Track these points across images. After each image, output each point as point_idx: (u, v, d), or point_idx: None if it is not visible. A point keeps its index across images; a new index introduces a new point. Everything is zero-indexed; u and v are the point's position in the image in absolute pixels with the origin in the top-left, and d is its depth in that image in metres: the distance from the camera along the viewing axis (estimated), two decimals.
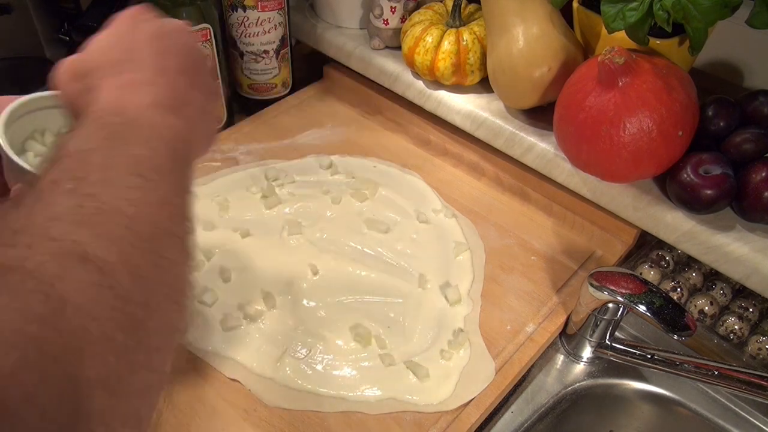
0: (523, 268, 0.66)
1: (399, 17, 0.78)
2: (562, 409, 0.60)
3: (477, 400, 0.54)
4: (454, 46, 0.71)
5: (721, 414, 0.58)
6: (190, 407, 0.53)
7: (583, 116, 0.58)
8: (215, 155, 0.78)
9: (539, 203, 0.73)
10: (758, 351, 0.59)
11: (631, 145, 0.56)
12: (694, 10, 0.51)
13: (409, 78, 0.78)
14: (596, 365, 0.62)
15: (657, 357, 0.56)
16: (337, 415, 0.53)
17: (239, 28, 0.80)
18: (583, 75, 0.59)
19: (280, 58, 0.84)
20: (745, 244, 0.56)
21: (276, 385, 0.55)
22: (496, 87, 0.70)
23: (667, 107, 0.55)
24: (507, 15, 0.64)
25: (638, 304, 0.51)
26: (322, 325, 0.59)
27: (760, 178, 0.55)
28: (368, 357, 0.57)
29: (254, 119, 0.85)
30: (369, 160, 0.79)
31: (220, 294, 0.62)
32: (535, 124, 0.70)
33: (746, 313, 0.62)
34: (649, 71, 0.55)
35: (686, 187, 0.57)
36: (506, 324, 0.61)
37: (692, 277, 0.66)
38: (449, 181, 0.77)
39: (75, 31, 0.78)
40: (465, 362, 0.57)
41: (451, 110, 0.75)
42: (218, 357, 0.57)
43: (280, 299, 0.61)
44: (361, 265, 0.64)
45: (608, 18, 0.55)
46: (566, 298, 0.63)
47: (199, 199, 0.72)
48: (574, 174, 0.66)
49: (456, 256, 0.67)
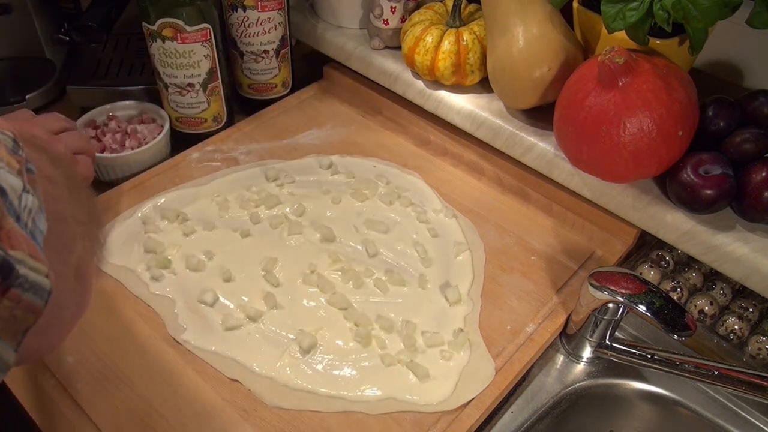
0: (523, 268, 0.66)
1: (399, 17, 0.78)
2: (562, 409, 0.60)
3: (477, 400, 0.54)
4: (454, 46, 0.71)
5: (721, 414, 0.58)
6: (190, 407, 0.54)
7: (583, 116, 0.58)
8: (215, 155, 0.78)
9: (539, 203, 0.73)
10: (758, 351, 0.59)
11: (631, 145, 0.56)
12: (694, 10, 0.51)
13: (409, 78, 0.78)
14: (596, 365, 0.62)
15: (657, 357, 0.56)
16: (337, 415, 0.53)
17: (239, 28, 0.80)
18: (583, 75, 0.59)
19: (280, 58, 0.84)
20: (745, 244, 0.56)
21: (276, 385, 0.55)
22: (496, 87, 0.70)
23: (667, 107, 0.55)
24: (507, 15, 0.64)
25: (638, 304, 0.51)
26: (322, 325, 0.59)
27: (760, 178, 0.55)
28: (368, 357, 0.57)
29: (254, 119, 0.85)
30: (369, 160, 0.79)
31: (220, 294, 0.62)
32: (535, 124, 0.70)
33: (746, 313, 0.62)
34: (649, 71, 0.55)
35: (686, 187, 0.57)
36: (506, 324, 0.61)
37: (692, 277, 0.66)
38: (449, 181, 0.77)
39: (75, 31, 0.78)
40: (465, 362, 0.57)
41: (451, 110, 0.75)
42: (218, 357, 0.57)
43: (280, 299, 0.61)
44: (361, 265, 0.64)
45: (608, 18, 0.55)
46: (566, 298, 0.63)
47: (199, 199, 0.72)
48: (574, 174, 0.66)
49: (456, 256, 0.67)
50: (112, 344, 0.58)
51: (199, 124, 0.80)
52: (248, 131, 0.83)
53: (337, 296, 0.61)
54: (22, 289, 0.27)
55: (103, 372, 0.56)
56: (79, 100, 0.89)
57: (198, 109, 0.79)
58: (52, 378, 0.55)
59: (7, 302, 0.27)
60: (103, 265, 0.64)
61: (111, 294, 0.62)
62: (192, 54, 0.73)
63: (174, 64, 0.74)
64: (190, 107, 0.78)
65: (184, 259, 0.64)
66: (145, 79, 0.88)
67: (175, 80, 0.76)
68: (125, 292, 0.62)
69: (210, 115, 0.80)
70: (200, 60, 0.74)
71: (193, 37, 0.72)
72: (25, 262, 0.27)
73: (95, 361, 0.56)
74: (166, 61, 0.74)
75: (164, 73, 0.75)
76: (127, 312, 0.61)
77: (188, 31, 0.71)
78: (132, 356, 0.57)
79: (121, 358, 0.57)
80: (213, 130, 0.82)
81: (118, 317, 0.60)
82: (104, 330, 0.59)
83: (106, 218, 0.65)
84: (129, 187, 0.73)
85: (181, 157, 0.78)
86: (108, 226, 0.68)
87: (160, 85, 0.77)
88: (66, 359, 0.56)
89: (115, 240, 0.67)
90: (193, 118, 0.79)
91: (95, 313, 0.60)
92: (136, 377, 0.55)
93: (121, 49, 0.94)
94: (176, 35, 0.71)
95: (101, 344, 0.58)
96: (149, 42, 0.73)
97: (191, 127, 0.81)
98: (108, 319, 0.60)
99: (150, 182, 0.74)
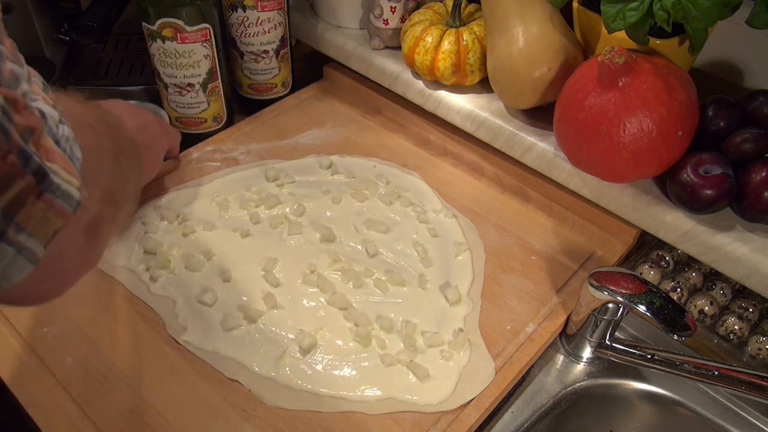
0: (523, 268, 0.66)
1: (399, 17, 0.78)
2: (562, 410, 0.60)
3: (477, 400, 0.54)
4: (454, 46, 0.71)
5: (721, 414, 0.58)
6: (190, 407, 0.54)
7: (583, 116, 0.58)
8: (215, 155, 0.78)
9: (539, 203, 0.73)
10: (758, 351, 0.59)
11: (631, 145, 0.56)
12: (694, 10, 0.51)
13: (409, 78, 0.78)
14: (596, 365, 0.62)
15: (657, 357, 0.56)
16: (337, 415, 0.53)
17: (239, 28, 0.80)
18: (583, 75, 0.59)
19: (280, 58, 0.84)
20: (745, 244, 0.56)
21: (276, 385, 0.55)
22: (496, 87, 0.70)
23: (667, 107, 0.55)
24: (507, 15, 0.64)
25: (638, 304, 0.51)
26: (322, 325, 0.59)
27: (760, 178, 0.55)
28: (368, 357, 0.57)
29: (254, 119, 0.85)
30: (369, 160, 0.79)
31: (220, 294, 0.62)
32: (535, 124, 0.70)
33: (746, 313, 0.62)
34: (649, 71, 0.55)
35: (686, 187, 0.57)
36: (506, 324, 0.61)
37: (692, 277, 0.66)
38: (449, 181, 0.77)
39: (75, 31, 0.79)
40: (465, 362, 0.57)
41: (451, 110, 0.75)
42: (218, 357, 0.57)
43: (280, 299, 0.61)
44: (361, 265, 0.64)
45: (608, 18, 0.55)
46: (566, 298, 0.63)
47: (199, 199, 0.72)
48: (574, 174, 0.66)
49: (456, 256, 0.67)
50: (112, 344, 0.58)
51: (199, 124, 0.80)
52: (248, 131, 0.83)
53: (337, 296, 0.61)
54: (53, 195, 0.31)
55: (103, 372, 0.56)
56: None
57: (198, 109, 0.79)
58: (52, 378, 0.55)
59: (41, 204, 0.30)
60: (102, 265, 0.64)
61: (111, 294, 0.62)
62: (192, 54, 0.73)
63: (174, 64, 0.74)
64: (190, 107, 0.78)
65: (184, 259, 0.64)
66: (145, 79, 0.88)
67: (175, 80, 0.76)
68: (125, 292, 0.62)
69: (210, 115, 0.80)
70: (200, 60, 0.74)
71: (193, 37, 0.72)
72: (58, 173, 0.31)
73: (95, 361, 0.56)
74: (166, 61, 0.74)
75: (164, 73, 0.75)
76: (127, 312, 0.61)
77: (188, 31, 0.71)
78: (132, 356, 0.57)
79: (121, 358, 0.57)
80: (213, 130, 0.82)
81: (118, 317, 0.60)
82: (104, 330, 0.59)
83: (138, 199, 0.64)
84: None
85: (181, 157, 0.78)
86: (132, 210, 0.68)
87: (160, 85, 0.77)
88: (66, 359, 0.56)
89: (114, 240, 0.67)
90: (193, 118, 0.79)
91: (96, 313, 0.60)
92: (136, 377, 0.55)
93: (121, 49, 0.94)
94: (176, 35, 0.71)
95: (101, 344, 0.58)
96: (149, 42, 0.73)
97: (191, 127, 0.81)
98: (108, 319, 0.60)
99: (150, 182, 0.74)
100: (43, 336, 0.58)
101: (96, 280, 0.63)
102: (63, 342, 0.58)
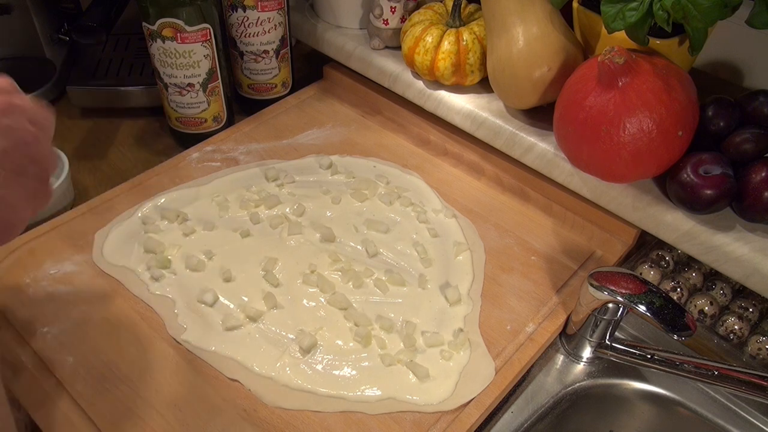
0: (523, 268, 0.66)
1: (399, 17, 0.79)
2: (562, 409, 0.60)
3: (477, 400, 0.54)
4: (454, 46, 0.71)
5: (721, 414, 0.58)
6: (190, 407, 0.54)
7: (583, 116, 0.58)
8: (215, 155, 0.78)
9: (539, 203, 0.73)
10: (758, 351, 0.59)
11: (631, 145, 0.56)
12: (694, 10, 0.51)
13: (409, 78, 0.78)
14: (596, 365, 0.62)
15: (657, 357, 0.56)
16: (337, 415, 0.53)
17: (239, 28, 0.80)
18: (583, 75, 0.59)
19: (280, 58, 0.84)
20: (745, 244, 0.56)
21: (276, 385, 0.55)
22: (496, 87, 0.70)
23: (667, 107, 0.55)
24: (507, 15, 0.64)
25: (638, 304, 0.51)
26: (322, 325, 0.59)
27: (760, 178, 0.55)
28: (368, 357, 0.57)
29: (254, 119, 0.85)
30: (369, 160, 0.79)
31: (220, 294, 0.62)
32: (535, 124, 0.70)
33: (746, 313, 0.62)
34: (649, 71, 0.55)
35: (686, 187, 0.57)
36: (506, 324, 0.61)
37: (692, 277, 0.66)
38: (449, 181, 0.77)
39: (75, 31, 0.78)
40: (465, 362, 0.57)
41: (451, 110, 0.75)
42: (218, 357, 0.57)
43: (280, 299, 0.61)
44: (361, 265, 0.65)
45: (608, 18, 0.55)
46: (566, 298, 0.63)
47: (199, 199, 0.72)
48: (574, 174, 0.66)
49: (456, 256, 0.67)
50: (112, 344, 0.58)
51: (199, 124, 0.80)
52: (248, 131, 0.83)
53: (337, 296, 0.61)
54: None
55: (103, 372, 0.56)
56: (79, 101, 0.89)
57: (198, 109, 0.79)
58: (52, 378, 0.55)
59: None
60: (102, 265, 0.64)
61: (111, 294, 0.62)
62: (192, 54, 0.73)
63: (174, 64, 0.74)
64: (190, 107, 0.78)
65: (184, 259, 0.64)
66: (145, 79, 0.88)
67: (175, 80, 0.76)
68: (125, 292, 0.62)
69: (210, 115, 0.80)
70: (200, 60, 0.74)
71: (193, 37, 0.72)
72: None
73: (95, 361, 0.56)
74: (166, 61, 0.74)
75: (164, 73, 0.75)
76: (127, 312, 0.61)
77: (188, 31, 0.71)
78: (132, 356, 0.57)
79: (121, 358, 0.57)
80: (213, 130, 0.82)
81: (118, 317, 0.60)
82: (105, 330, 0.59)
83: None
84: (129, 187, 0.73)
85: (181, 157, 0.78)
86: (107, 226, 0.68)
87: (160, 85, 0.77)
88: (66, 359, 0.56)
89: (115, 240, 0.67)
90: (193, 118, 0.79)
91: (96, 313, 0.60)
92: (136, 377, 0.55)
93: (121, 49, 0.94)
94: (176, 35, 0.71)
95: (101, 344, 0.58)
96: (149, 42, 0.73)
97: (191, 127, 0.81)
98: (108, 319, 0.60)
99: (150, 182, 0.74)
100: (43, 336, 0.58)
101: (96, 279, 0.63)
102: (63, 342, 0.58)
